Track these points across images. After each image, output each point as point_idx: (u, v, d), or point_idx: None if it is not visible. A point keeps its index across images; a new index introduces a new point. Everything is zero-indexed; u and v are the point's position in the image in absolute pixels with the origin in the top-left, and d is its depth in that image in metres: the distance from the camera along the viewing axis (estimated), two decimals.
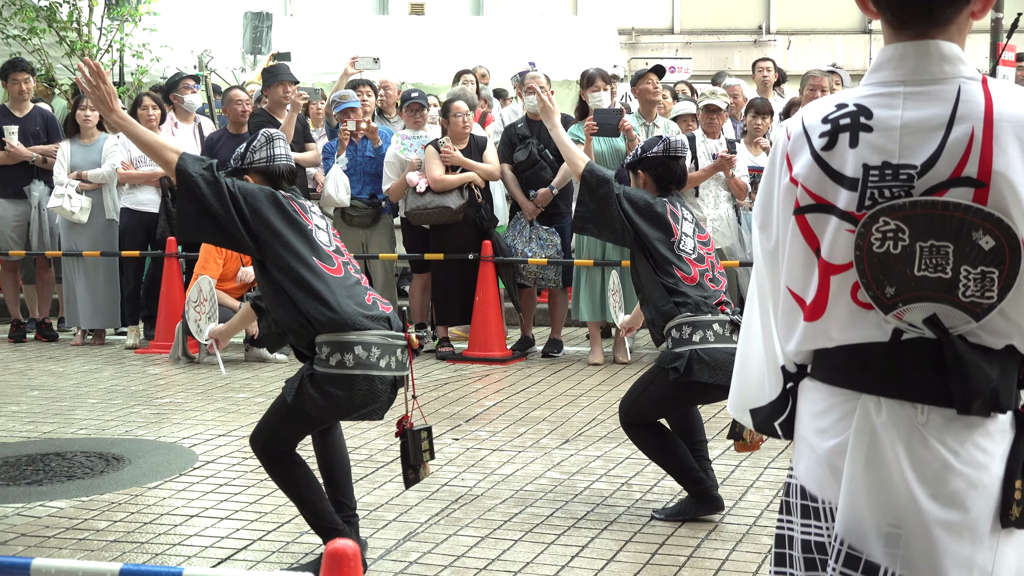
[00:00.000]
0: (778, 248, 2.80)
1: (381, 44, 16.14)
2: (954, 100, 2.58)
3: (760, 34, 29.78)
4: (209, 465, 7.35)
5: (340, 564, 2.75)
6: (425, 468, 5.58)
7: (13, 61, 12.33)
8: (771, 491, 6.73)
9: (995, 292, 2.55)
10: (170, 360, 10.70)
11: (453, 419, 8.47)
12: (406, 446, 5.51)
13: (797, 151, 2.72)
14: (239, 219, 5.27)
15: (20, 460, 7.46)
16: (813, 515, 2.75)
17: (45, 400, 9.20)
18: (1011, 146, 2.53)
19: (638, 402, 6.35)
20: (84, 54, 14.14)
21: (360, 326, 5.30)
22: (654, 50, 27.76)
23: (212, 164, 5.29)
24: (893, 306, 2.60)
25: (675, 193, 6.57)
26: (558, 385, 9.63)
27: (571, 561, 5.71)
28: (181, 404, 9.05)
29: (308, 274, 5.31)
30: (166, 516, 6.42)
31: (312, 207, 5.61)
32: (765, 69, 13.39)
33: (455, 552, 5.83)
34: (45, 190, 11.77)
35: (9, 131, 11.66)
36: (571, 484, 6.93)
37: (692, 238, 6.40)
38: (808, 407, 2.78)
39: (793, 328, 2.76)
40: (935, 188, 2.55)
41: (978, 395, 2.56)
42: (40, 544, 5.98)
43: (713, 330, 6.17)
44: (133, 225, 11.58)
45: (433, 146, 10.64)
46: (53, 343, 11.90)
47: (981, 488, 2.60)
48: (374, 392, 5.36)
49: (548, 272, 10.83)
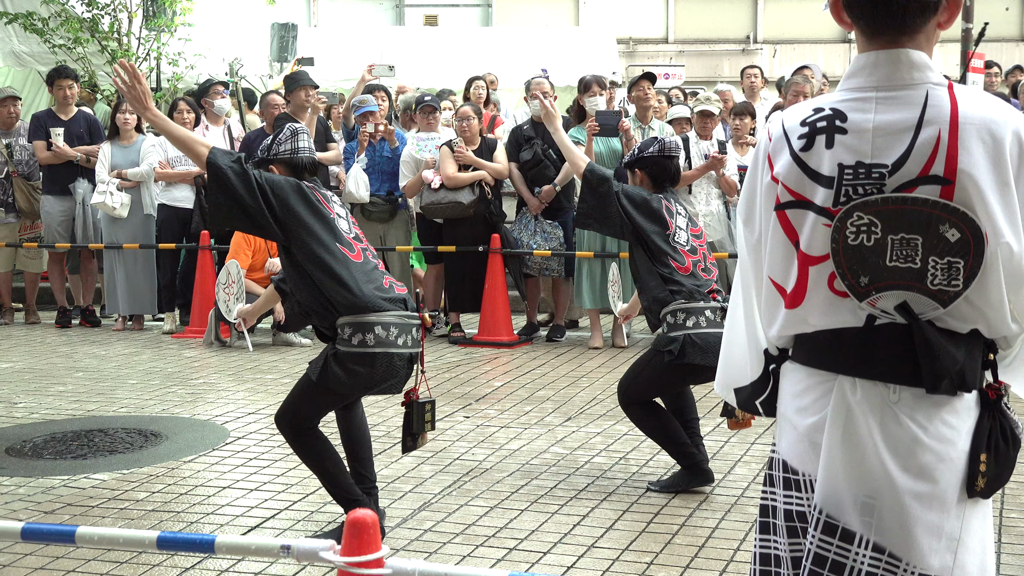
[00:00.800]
0: (761, 241, 2.81)
1: (397, 53, 16.13)
2: (922, 104, 2.58)
3: (748, 43, 29.69)
4: (240, 441, 7.36)
5: (360, 532, 2.76)
6: (423, 437, 5.61)
7: (59, 68, 12.34)
8: (757, 465, 6.73)
9: (960, 281, 2.55)
10: (204, 344, 10.71)
11: (464, 398, 8.48)
12: (410, 415, 5.54)
13: (777, 152, 2.73)
14: (267, 208, 5.28)
15: (66, 436, 7.48)
16: (794, 487, 2.76)
17: (89, 381, 9.21)
18: (975, 147, 2.53)
19: (635, 382, 6.36)
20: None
21: (379, 307, 5.32)
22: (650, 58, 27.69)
23: (240, 157, 5.30)
24: (867, 294, 2.61)
25: (670, 190, 6.57)
26: (561, 367, 9.63)
27: (573, 529, 5.72)
28: (214, 384, 9.05)
29: (331, 259, 5.32)
30: (200, 488, 6.44)
31: (333, 197, 5.62)
32: (752, 75, 13.34)
33: (466, 521, 5.84)
34: (88, 187, 11.78)
35: (55, 133, 11.67)
36: (573, 458, 6.94)
37: (686, 231, 6.40)
38: (789, 387, 2.79)
39: (775, 315, 2.77)
40: (905, 185, 2.56)
41: (945, 375, 2.56)
42: (84, 513, 6.00)
43: (705, 316, 6.18)
44: (169, 219, 11.60)
45: (447, 146, 10.69)
46: (96, 328, 11.92)
47: (948, 461, 2.61)
48: (393, 368, 5.38)
49: (552, 263, 10.84)
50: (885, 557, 2.62)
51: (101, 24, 14.63)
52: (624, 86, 14.36)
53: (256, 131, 11.72)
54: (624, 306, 7.34)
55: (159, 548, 3.02)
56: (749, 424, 5.31)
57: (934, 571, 2.61)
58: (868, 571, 2.63)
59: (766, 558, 2.85)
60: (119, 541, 3.12)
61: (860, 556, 2.63)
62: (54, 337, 11.40)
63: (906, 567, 2.61)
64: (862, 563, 2.63)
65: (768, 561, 2.84)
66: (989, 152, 2.54)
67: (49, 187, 11.93)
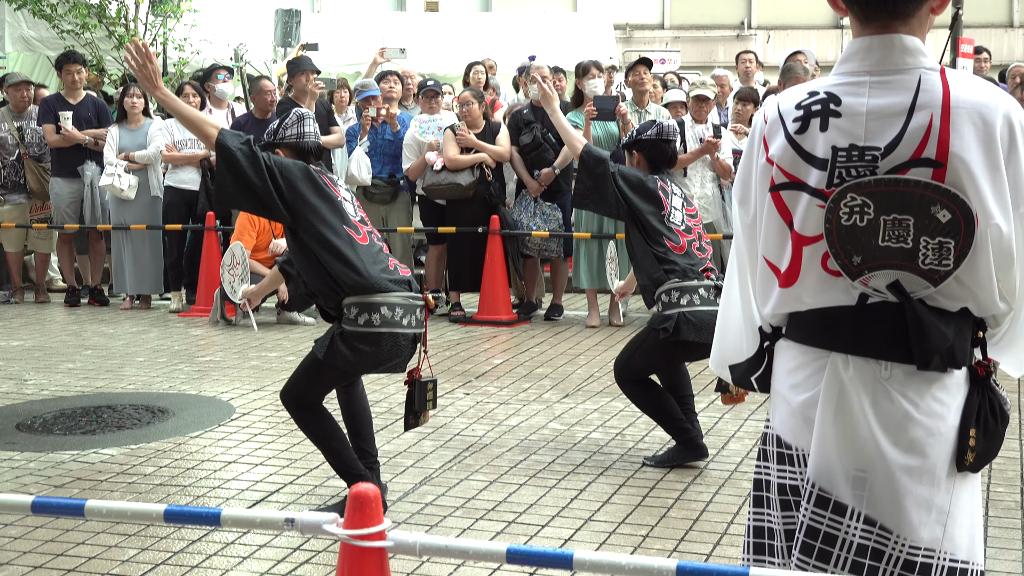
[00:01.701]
0: (756, 222, 2.80)
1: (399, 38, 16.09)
2: (915, 89, 2.58)
3: (742, 29, 29.66)
4: (245, 417, 7.36)
5: (363, 505, 2.76)
6: (425, 416, 5.61)
7: (67, 54, 12.31)
8: (750, 440, 6.73)
9: (951, 260, 2.55)
10: (209, 323, 10.70)
11: (464, 376, 8.48)
12: (412, 394, 5.54)
13: (773, 134, 2.72)
14: (275, 190, 5.26)
15: (76, 412, 7.48)
16: (788, 461, 2.76)
17: (98, 358, 9.21)
18: (966, 130, 2.53)
19: (631, 360, 6.36)
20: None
21: (385, 288, 5.31)
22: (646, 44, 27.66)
23: (249, 139, 5.27)
24: (859, 273, 2.61)
25: (665, 172, 6.57)
26: (559, 345, 9.63)
27: (570, 503, 5.73)
28: (219, 362, 9.05)
29: (338, 241, 5.31)
30: (206, 463, 6.44)
31: (339, 180, 5.61)
32: (747, 61, 13.32)
33: (466, 495, 5.85)
34: (97, 170, 11.76)
35: (64, 116, 11.65)
36: (570, 434, 6.94)
37: (681, 211, 6.39)
38: (783, 364, 2.78)
39: (769, 294, 2.77)
40: (897, 168, 2.55)
41: (936, 353, 2.56)
42: (93, 487, 6.00)
43: (699, 294, 6.17)
44: (176, 201, 11.58)
45: (451, 129, 10.69)
46: (104, 307, 11.91)
47: (938, 436, 2.61)
48: (398, 347, 5.37)
49: (550, 244, 10.84)
50: (876, 529, 2.63)
51: (108, 10, 14.59)
52: (621, 71, 14.34)
53: (245, 116, 11.68)
54: (620, 284, 7.33)
55: (166, 521, 3.03)
56: (743, 399, 5.32)
57: (924, 543, 2.62)
58: (859, 543, 2.63)
59: (760, 531, 2.85)
60: (127, 514, 3.12)
61: (852, 528, 2.64)
62: (63, 316, 11.40)
63: (896, 539, 2.62)
64: (854, 535, 2.63)
65: (762, 534, 2.84)
66: (980, 136, 2.53)
67: (58, 170, 11.90)
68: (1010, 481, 6.00)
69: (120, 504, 3.12)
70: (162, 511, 2.99)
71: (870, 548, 2.63)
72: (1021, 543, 5.17)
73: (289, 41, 14.98)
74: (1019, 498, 5.76)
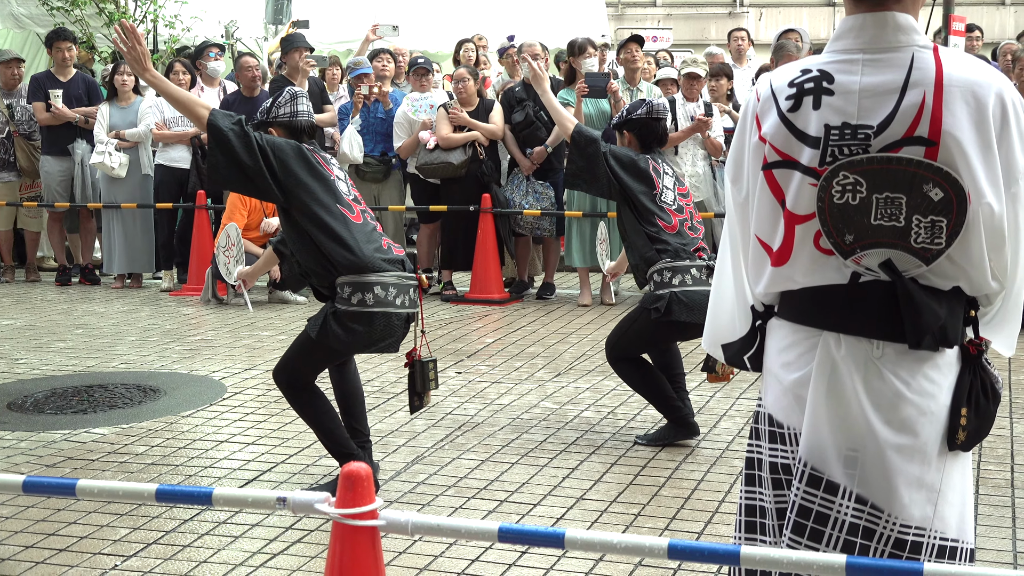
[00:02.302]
0: (748, 200, 2.80)
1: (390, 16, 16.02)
2: (908, 67, 2.57)
3: (734, 6, 29.61)
4: (237, 396, 7.36)
5: (355, 484, 2.76)
6: (428, 396, 5.62)
7: (57, 31, 12.25)
8: (742, 419, 6.75)
9: (943, 239, 2.55)
10: (201, 302, 10.68)
11: (456, 355, 8.48)
12: (414, 375, 5.54)
13: (765, 112, 2.72)
14: (267, 170, 5.24)
15: (67, 391, 7.48)
16: (779, 440, 2.76)
17: (89, 338, 9.20)
18: (959, 108, 2.53)
19: (623, 339, 6.36)
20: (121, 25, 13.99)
21: (379, 268, 5.30)
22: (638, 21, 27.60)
23: (241, 119, 5.25)
24: (852, 252, 2.61)
25: (657, 151, 6.56)
26: (551, 324, 9.63)
27: (562, 482, 5.73)
28: (211, 341, 9.04)
29: (332, 220, 5.30)
30: (198, 442, 6.44)
31: (332, 159, 5.59)
32: (739, 38, 13.30)
33: (458, 474, 5.85)
34: (87, 148, 11.72)
35: (54, 95, 11.60)
36: (562, 413, 6.95)
37: (672, 191, 6.39)
38: (775, 343, 2.78)
39: (761, 272, 2.76)
40: (890, 146, 2.55)
41: (928, 331, 2.57)
42: (85, 467, 6.00)
43: (691, 274, 6.17)
44: (167, 180, 11.55)
45: (443, 108, 10.67)
46: (95, 286, 11.88)
47: (930, 415, 2.62)
48: (391, 327, 5.37)
49: (543, 223, 10.83)
50: (868, 508, 2.63)
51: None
52: (613, 48, 14.30)
53: (233, 94, 11.64)
54: (611, 264, 7.33)
55: (158, 500, 3.02)
56: (729, 378, 5.33)
57: (915, 522, 2.62)
58: (851, 522, 2.64)
59: (751, 509, 2.86)
60: (119, 494, 3.12)
61: (844, 507, 2.64)
62: (54, 295, 11.37)
63: (888, 518, 2.62)
64: (846, 514, 2.64)
65: (754, 512, 2.85)
66: (972, 114, 2.53)
67: (48, 148, 11.86)
68: (1000, 459, 6.02)
69: (112, 484, 3.12)
70: (154, 490, 2.99)
71: (861, 527, 2.64)
72: (1011, 521, 5.18)
73: (280, 19, 14.92)
74: (1009, 476, 5.78)
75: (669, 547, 2.52)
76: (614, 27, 23.97)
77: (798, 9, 28.63)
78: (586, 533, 2.65)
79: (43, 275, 12.40)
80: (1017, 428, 6.55)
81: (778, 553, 2.52)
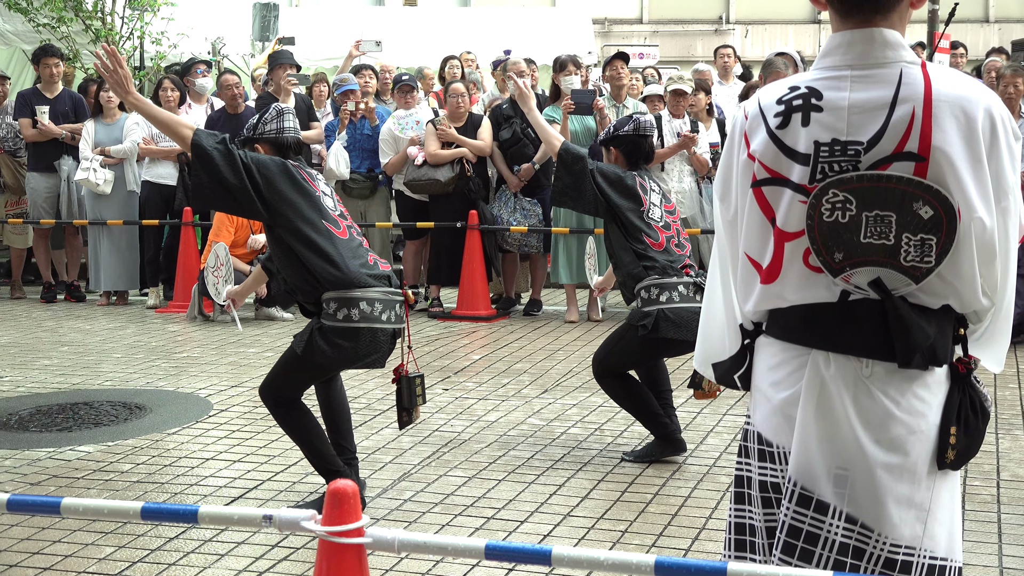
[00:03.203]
0: (737, 218, 2.79)
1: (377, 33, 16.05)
2: (896, 83, 2.57)
3: (720, 24, 29.71)
4: (223, 413, 7.33)
5: (341, 501, 2.75)
6: (416, 411, 5.60)
7: (45, 47, 12.23)
8: (729, 435, 6.74)
9: (933, 257, 2.55)
10: (187, 319, 10.66)
11: (443, 371, 8.46)
12: (401, 391, 5.53)
13: (754, 130, 2.71)
14: (252, 188, 5.22)
15: (52, 409, 7.44)
16: (769, 459, 2.75)
17: (74, 355, 9.17)
18: (948, 124, 2.52)
19: (610, 355, 6.35)
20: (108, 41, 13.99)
21: (364, 283, 5.29)
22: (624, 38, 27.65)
23: (224, 138, 5.24)
24: (841, 270, 2.60)
25: (643, 167, 6.56)
26: (538, 341, 9.63)
27: (549, 499, 5.72)
28: (197, 358, 9.02)
29: (317, 237, 5.29)
30: (184, 459, 6.41)
31: (318, 176, 5.58)
32: (726, 55, 13.34)
33: (445, 491, 5.83)
34: (73, 164, 11.69)
35: (41, 111, 11.58)
36: (549, 429, 6.94)
37: (659, 208, 6.39)
38: (764, 361, 2.77)
39: (751, 290, 2.75)
40: (880, 163, 2.55)
41: (917, 350, 2.56)
42: (70, 484, 5.97)
43: (678, 291, 6.17)
44: (153, 196, 11.52)
45: (431, 124, 10.67)
46: (81, 303, 11.85)
47: (919, 434, 2.61)
48: (377, 343, 5.36)
49: (530, 239, 10.83)
50: (858, 528, 2.62)
51: (85, 3, 14.50)
52: (599, 67, 14.33)
53: (218, 111, 11.63)
54: (599, 279, 7.33)
55: (143, 519, 3.01)
56: (715, 395, 5.32)
57: (905, 541, 2.61)
58: (841, 542, 2.63)
59: (741, 527, 2.84)
60: (104, 512, 3.10)
61: (834, 527, 2.63)
62: (40, 312, 11.33)
63: (878, 537, 2.61)
64: (836, 533, 2.63)
65: (743, 530, 2.83)
66: (962, 129, 2.53)
67: (34, 164, 11.84)
68: (986, 475, 6.02)
69: (97, 502, 3.10)
70: (139, 508, 2.97)
71: (851, 546, 2.62)
72: (997, 537, 5.18)
73: (267, 35, 14.93)
74: (995, 492, 5.78)
75: (656, 564, 2.51)
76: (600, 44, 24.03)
77: (784, 26, 28.73)
78: (573, 550, 2.63)
79: (28, 291, 12.35)
80: (1003, 444, 6.56)
81: (765, 570, 2.51)
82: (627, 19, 29.90)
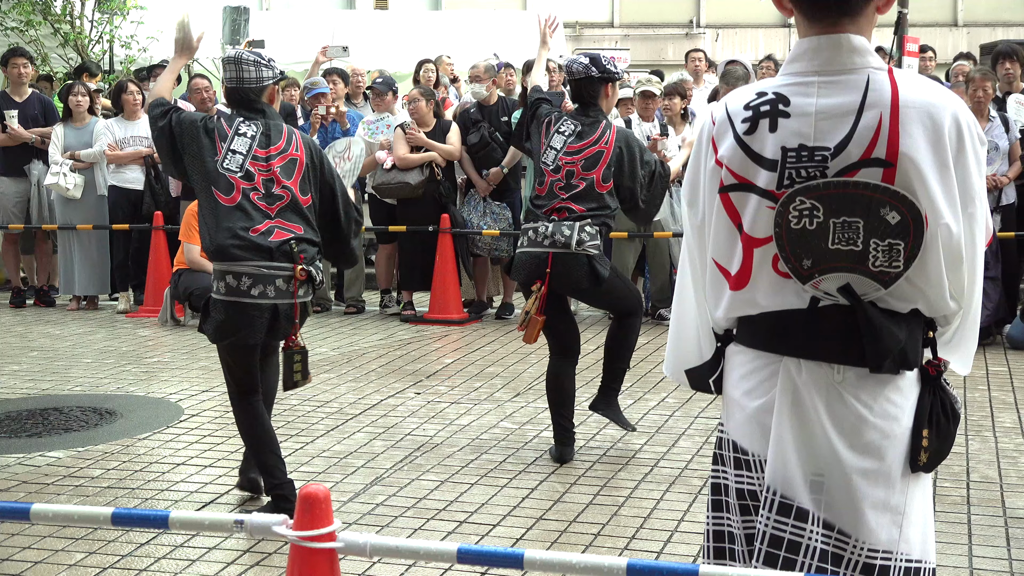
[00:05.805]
0: (705, 223, 2.79)
1: (348, 36, 16.02)
2: (864, 88, 2.58)
3: (691, 28, 29.76)
4: (194, 418, 7.31)
5: (312, 506, 2.74)
6: (302, 380, 5.58)
7: (12, 49, 12.17)
8: (701, 438, 6.76)
9: (901, 262, 2.56)
10: (158, 323, 10.62)
11: (415, 375, 8.46)
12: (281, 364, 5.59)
13: (721, 135, 2.71)
14: (171, 152, 5.45)
15: (21, 414, 7.40)
16: (745, 467, 2.75)
17: (44, 360, 9.12)
18: (916, 130, 2.53)
19: None
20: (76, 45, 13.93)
21: (230, 256, 5.26)
22: (596, 41, 27.68)
23: (166, 109, 5.43)
24: (810, 276, 2.61)
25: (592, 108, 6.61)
26: (509, 344, 9.63)
27: (522, 502, 5.72)
28: (168, 363, 8.99)
29: (204, 201, 5.39)
30: (155, 465, 6.39)
31: (250, 131, 5.42)
32: (697, 59, 13.38)
33: (417, 495, 5.83)
34: (43, 169, 11.64)
35: (10, 115, 11.52)
36: (522, 433, 6.94)
37: (559, 150, 6.43)
38: (735, 370, 2.77)
39: (720, 297, 2.76)
40: (847, 169, 2.56)
41: (888, 355, 2.57)
42: (40, 491, 5.94)
43: (528, 235, 6.36)
44: (120, 201, 11.47)
45: (400, 128, 10.66)
46: (51, 308, 11.79)
47: (893, 438, 2.62)
48: (248, 317, 5.30)
49: (501, 243, 10.84)
50: (835, 534, 2.63)
51: (54, 7, 14.46)
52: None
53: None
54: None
55: (114, 524, 2.99)
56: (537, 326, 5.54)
57: (882, 545, 2.62)
58: (820, 548, 2.63)
59: (719, 535, 2.84)
60: (74, 518, 3.09)
61: (814, 534, 2.63)
62: (8, 317, 11.27)
63: (855, 543, 2.62)
64: (815, 540, 2.63)
65: (722, 538, 2.83)
66: (929, 135, 2.54)
67: (4, 168, 11.77)
68: (956, 476, 6.06)
69: (67, 507, 3.08)
70: (109, 514, 2.95)
71: (830, 553, 2.63)
72: (967, 538, 5.22)
73: (237, 39, 14.89)
74: (965, 493, 5.82)
75: (628, 567, 2.52)
76: (571, 48, 24.05)
77: (754, 30, 28.81)
78: (545, 554, 2.64)
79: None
80: (972, 446, 6.60)
81: (737, 572, 2.51)
82: (598, 23, 29.92)
